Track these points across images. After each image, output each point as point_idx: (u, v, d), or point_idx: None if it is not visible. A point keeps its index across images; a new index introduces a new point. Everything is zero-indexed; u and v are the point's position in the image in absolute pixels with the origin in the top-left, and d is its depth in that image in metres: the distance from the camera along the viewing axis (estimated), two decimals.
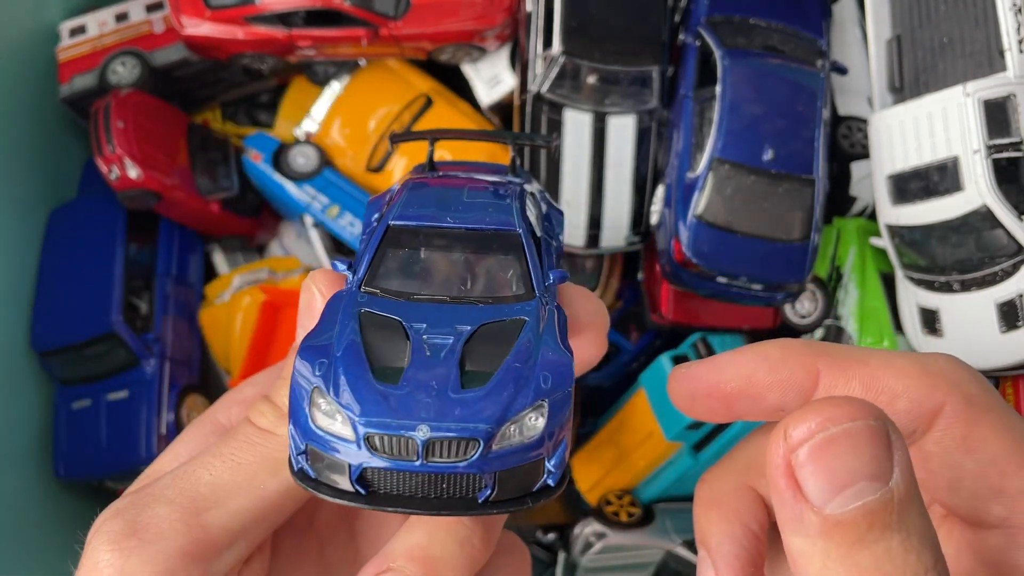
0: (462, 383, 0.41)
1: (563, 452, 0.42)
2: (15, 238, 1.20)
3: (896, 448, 0.35)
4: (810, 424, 0.34)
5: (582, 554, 1.12)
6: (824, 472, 0.34)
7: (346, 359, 0.42)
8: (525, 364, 0.42)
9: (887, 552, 0.34)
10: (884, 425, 0.35)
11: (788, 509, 0.35)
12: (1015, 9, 0.97)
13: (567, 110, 1.10)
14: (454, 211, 0.49)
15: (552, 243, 0.53)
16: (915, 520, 0.35)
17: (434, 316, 0.44)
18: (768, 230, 1.05)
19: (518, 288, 0.47)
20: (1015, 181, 0.97)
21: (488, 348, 0.43)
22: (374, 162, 1.24)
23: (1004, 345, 0.98)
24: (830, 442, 0.34)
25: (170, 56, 1.23)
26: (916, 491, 0.35)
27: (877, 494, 0.34)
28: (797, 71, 1.07)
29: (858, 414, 0.35)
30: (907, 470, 0.35)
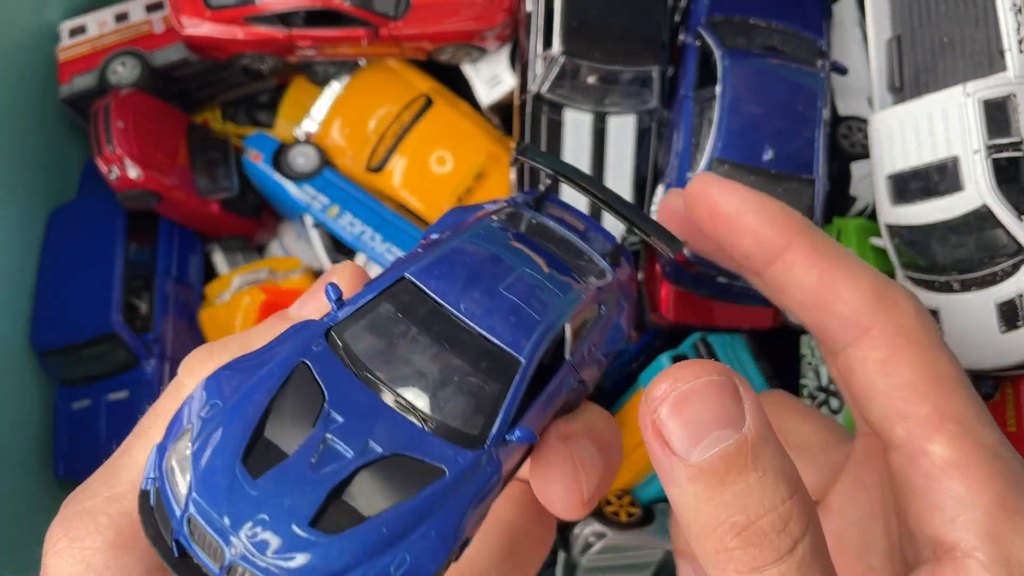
0: (317, 518, 0.34)
1: None
2: (15, 238, 1.20)
3: (746, 398, 0.39)
4: (664, 385, 0.39)
5: (582, 554, 1.12)
6: (684, 426, 0.39)
7: (232, 417, 0.37)
8: (396, 531, 0.34)
9: (746, 489, 0.38)
10: (729, 379, 0.39)
11: (662, 465, 0.40)
12: (1015, 9, 0.97)
13: (567, 110, 1.10)
14: (477, 298, 0.41)
15: (578, 375, 0.45)
16: (770, 459, 0.39)
17: (360, 414, 0.37)
18: None
19: (472, 426, 0.39)
20: (1015, 181, 0.96)
21: (379, 487, 0.35)
22: (374, 162, 1.24)
23: (1004, 345, 0.98)
24: (683, 398, 0.39)
25: (170, 56, 1.23)
26: (769, 433, 0.40)
27: (731, 440, 0.38)
28: (797, 71, 1.07)
29: (703, 372, 0.39)
30: (758, 416, 0.39)
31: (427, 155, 1.23)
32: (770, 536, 0.38)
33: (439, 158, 1.23)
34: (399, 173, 1.23)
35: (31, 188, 1.23)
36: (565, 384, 0.44)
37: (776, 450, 0.40)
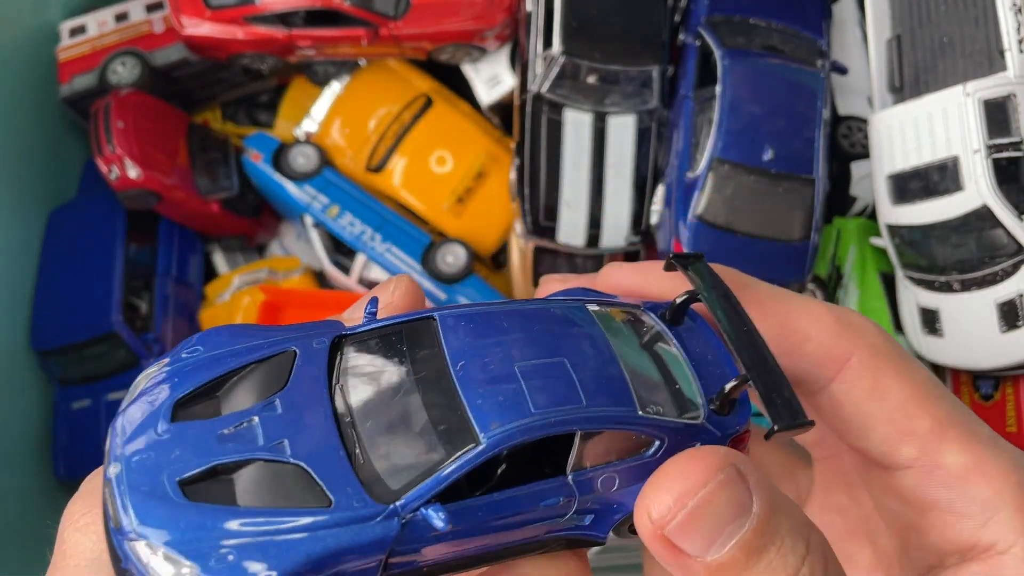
0: (190, 480, 0.34)
1: None
2: (15, 238, 1.20)
3: (750, 476, 0.38)
4: (667, 502, 0.37)
5: None
6: (694, 534, 0.37)
7: (200, 365, 0.38)
8: (251, 531, 0.34)
9: (768, 567, 0.37)
10: (734, 468, 0.38)
11: (674, 566, 0.38)
12: (1015, 9, 0.97)
13: (567, 110, 1.10)
14: (485, 364, 0.39)
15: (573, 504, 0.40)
16: (783, 524, 0.38)
17: (299, 417, 0.37)
18: (768, 230, 1.05)
19: (394, 481, 0.36)
20: (1015, 181, 0.96)
21: (262, 486, 0.35)
22: (374, 162, 1.24)
23: (1004, 345, 0.98)
24: (691, 515, 0.37)
25: (170, 56, 1.23)
26: (776, 498, 0.38)
27: (745, 527, 0.37)
28: (797, 71, 1.07)
29: (709, 475, 0.37)
30: (764, 489, 0.38)
31: (427, 155, 1.23)
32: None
33: (439, 158, 1.23)
34: (399, 173, 1.23)
35: (31, 188, 1.23)
36: (546, 501, 0.39)
37: (784, 507, 0.39)
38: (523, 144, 1.11)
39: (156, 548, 0.33)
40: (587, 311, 0.44)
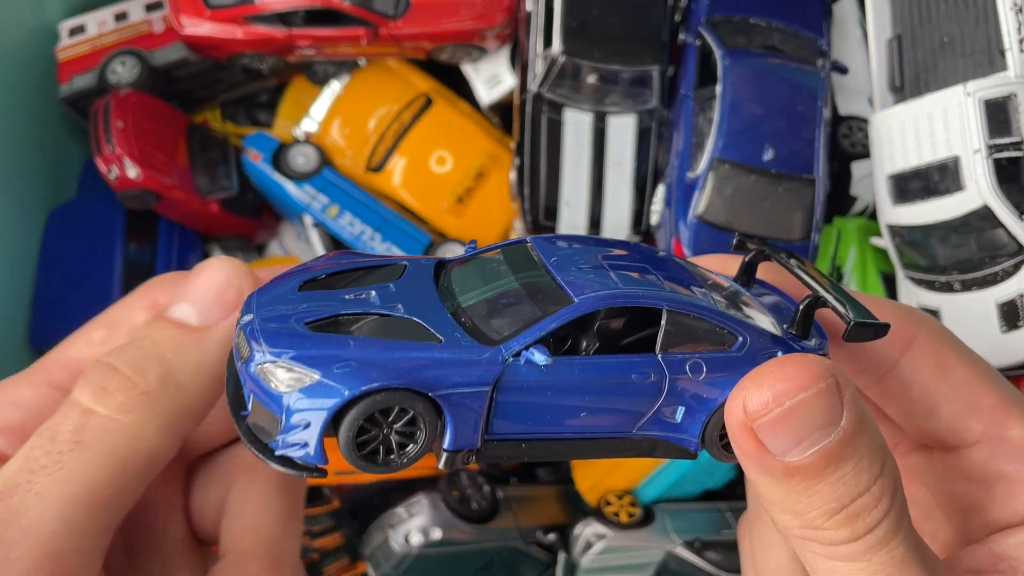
0: (316, 322, 0.41)
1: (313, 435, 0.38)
2: (15, 238, 1.20)
3: (845, 391, 0.39)
4: (766, 396, 0.39)
5: (582, 554, 1.12)
6: (782, 432, 0.39)
7: (332, 262, 0.47)
8: (360, 354, 0.39)
9: (842, 478, 0.39)
10: (832, 379, 0.39)
11: (753, 459, 0.40)
12: (1015, 9, 0.97)
13: (567, 110, 1.10)
14: (578, 264, 0.43)
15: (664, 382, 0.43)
16: (864, 441, 0.40)
17: (410, 296, 0.43)
18: (768, 230, 1.05)
19: (496, 333, 0.42)
20: (1016, 181, 0.96)
21: (379, 328, 0.41)
22: (374, 162, 1.24)
23: (1005, 345, 0.98)
24: (787, 414, 0.39)
25: (170, 56, 1.23)
26: (863, 416, 0.40)
27: (831, 437, 0.39)
28: (797, 71, 1.07)
29: (811, 381, 0.39)
30: (854, 406, 0.40)
31: (427, 155, 1.23)
32: (862, 516, 0.40)
33: (439, 158, 1.23)
34: (399, 173, 1.23)
35: (31, 188, 1.23)
36: (636, 372, 0.42)
37: (869, 428, 0.40)
38: (523, 144, 1.11)
39: (282, 363, 0.37)
40: (672, 256, 0.48)
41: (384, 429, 0.39)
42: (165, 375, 0.43)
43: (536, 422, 0.41)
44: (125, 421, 0.42)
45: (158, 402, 0.42)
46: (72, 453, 0.41)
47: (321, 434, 0.38)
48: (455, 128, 1.24)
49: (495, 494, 1.15)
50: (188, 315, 0.44)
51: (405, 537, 1.08)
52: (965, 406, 0.48)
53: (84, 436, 0.41)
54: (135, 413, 0.42)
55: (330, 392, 0.37)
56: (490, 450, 0.41)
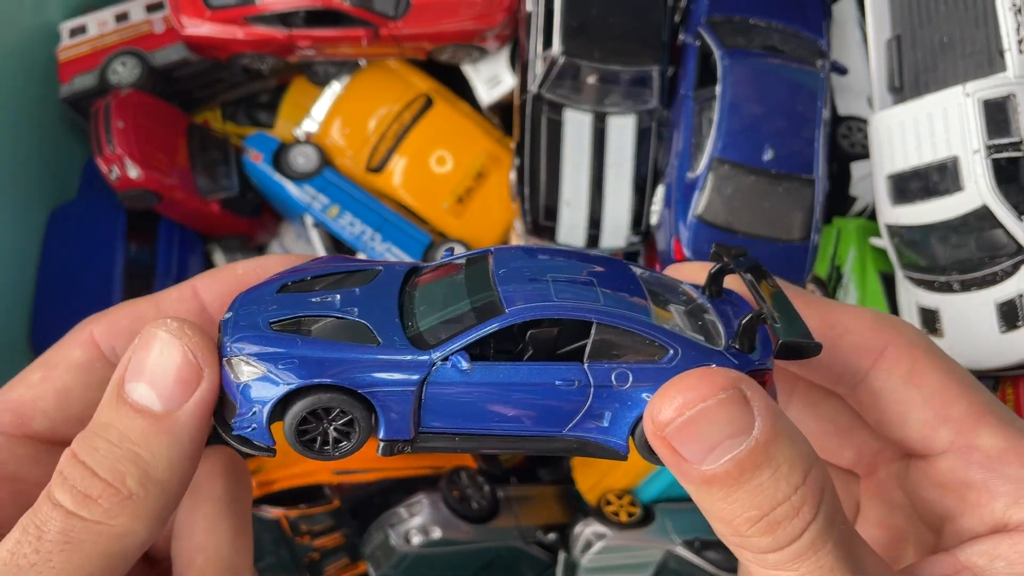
0: (279, 322, 0.46)
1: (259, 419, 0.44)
2: (15, 238, 1.20)
3: (755, 401, 0.40)
4: (669, 410, 0.41)
5: (582, 554, 1.12)
6: (691, 441, 0.40)
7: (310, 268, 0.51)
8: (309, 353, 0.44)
9: (759, 487, 0.40)
10: (736, 391, 0.40)
11: (673, 468, 0.42)
12: (1015, 9, 0.97)
13: (567, 110, 1.10)
14: (523, 277, 0.47)
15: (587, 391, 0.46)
16: (782, 451, 0.40)
17: (369, 301, 0.47)
18: (768, 230, 1.05)
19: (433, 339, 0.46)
20: (1015, 181, 0.97)
21: (330, 329, 0.46)
22: (374, 162, 1.24)
23: (1004, 345, 0.98)
24: (689, 423, 0.40)
25: (170, 56, 1.23)
26: (780, 426, 0.41)
27: (742, 446, 0.40)
28: (797, 71, 1.07)
29: (710, 392, 0.40)
30: (768, 414, 0.40)
31: (427, 155, 1.23)
32: (783, 524, 0.40)
33: (439, 158, 1.23)
34: (399, 173, 1.23)
35: (31, 188, 1.23)
36: (561, 378, 0.45)
37: (789, 438, 0.41)
38: (523, 144, 1.11)
39: (242, 357, 0.44)
40: (630, 267, 0.50)
41: (324, 423, 0.44)
42: (143, 476, 0.43)
43: (466, 419, 0.45)
44: (113, 524, 0.43)
45: (142, 504, 0.43)
46: (63, 554, 0.42)
47: (266, 420, 0.44)
48: (455, 128, 1.24)
49: (495, 494, 1.15)
50: (150, 400, 0.43)
51: (405, 537, 1.08)
52: (935, 415, 0.48)
53: (73, 537, 0.42)
54: (122, 517, 0.43)
55: (274, 384, 0.43)
56: (424, 441, 0.46)
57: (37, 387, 0.51)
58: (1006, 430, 0.47)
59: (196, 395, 0.44)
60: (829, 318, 0.50)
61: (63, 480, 0.43)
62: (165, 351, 0.44)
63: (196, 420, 0.44)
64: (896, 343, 0.49)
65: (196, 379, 0.44)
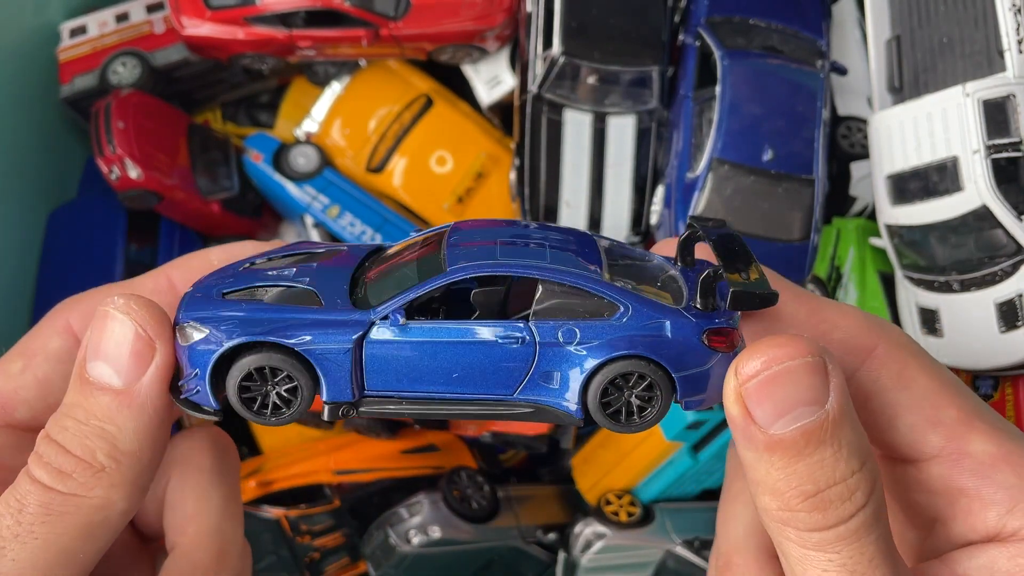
0: (230, 293, 0.48)
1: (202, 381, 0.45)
2: (15, 238, 1.20)
3: (832, 375, 0.41)
4: (756, 362, 0.40)
5: (582, 554, 1.12)
6: (768, 401, 0.40)
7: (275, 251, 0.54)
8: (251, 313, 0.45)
9: (820, 462, 0.40)
10: (821, 358, 0.41)
11: (740, 429, 0.41)
12: (1015, 9, 0.98)
13: (567, 110, 1.10)
14: (474, 241, 0.47)
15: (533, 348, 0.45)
16: (846, 433, 0.41)
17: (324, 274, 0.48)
18: (768, 230, 1.05)
19: (375, 300, 0.46)
20: (1014, 181, 0.97)
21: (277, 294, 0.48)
22: (375, 162, 1.24)
23: (1004, 345, 0.98)
24: (773, 379, 0.40)
25: (170, 56, 1.23)
26: (849, 409, 0.41)
27: (814, 416, 0.40)
28: (797, 71, 1.07)
29: (798, 353, 0.40)
30: (842, 394, 0.41)
31: (427, 155, 1.23)
32: (835, 504, 0.41)
33: (439, 158, 1.23)
34: (399, 173, 1.24)
35: (31, 188, 1.24)
36: (505, 336, 0.44)
37: (853, 424, 0.41)
38: (523, 144, 1.11)
39: (189, 323, 0.45)
40: (595, 237, 0.50)
41: (268, 386, 0.44)
42: (112, 449, 0.45)
43: (411, 381, 0.45)
44: (91, 496, 0.44)
45: (115, 474, 0.45)
46: (44, 525, 0.44)
47: (207, 380, 0.44)
48: (455, 129, 1.24)
49: (495, 493, 1.15)
50: (109, 377, 0.45)
51: (405, 536, 1.08)
52: (925, 419, 0.48)
53: (53, 509, 0.44)
54: (98, 488, 0.44)
55: (212, 344, 0.44)
56: (369, 405, 0.45)
57: (18, 378, 0.53)
58: (997, 436, 0.47)
59: (151, 367, 0.45)
60: (818, 313, 0.50)
61: (39, 458, 0.45)
62: (118, 328, 0.45)
63: (155, 390, 0.45)
64: (886, 344, 0.49)
65: (150, 352, 0.45)
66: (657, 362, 0.44)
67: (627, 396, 0.44)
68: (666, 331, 0.44)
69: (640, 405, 0.45)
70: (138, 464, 0.45)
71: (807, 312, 0.50)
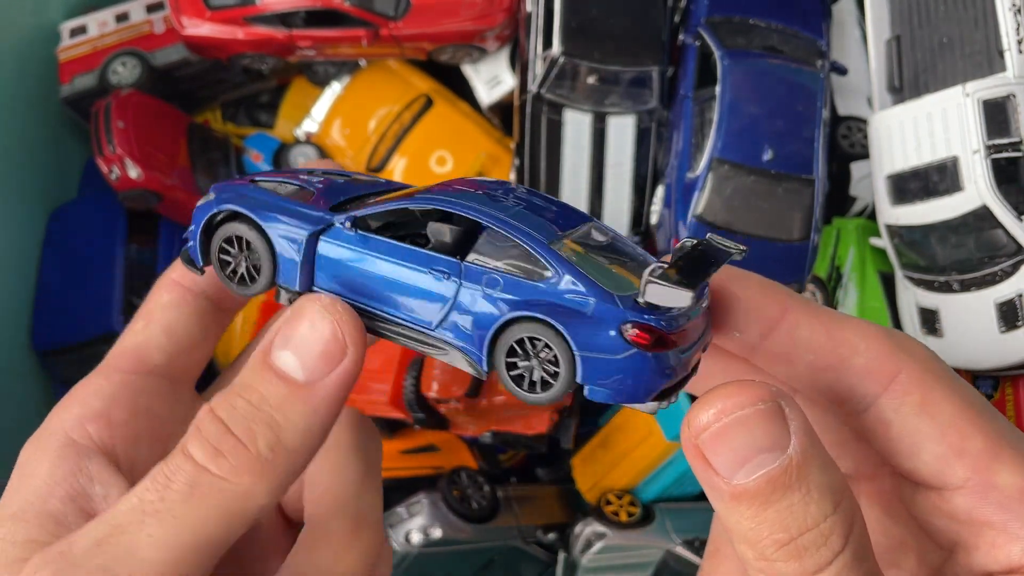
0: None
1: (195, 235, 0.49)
2: (15, 238, 1.20)
3: (792, 418, 0.40)
4: (706, 415, 0.40)
5: (582, 554, 1.12)
6: (726, 451, 0.39)
7: None
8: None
9: (789, 508, 0.39)
10: (775, 404, 0.39)
11: (703, 480, 0.41)
12: (1015, 9, 0.98)
13: (567, 110, 1.10)
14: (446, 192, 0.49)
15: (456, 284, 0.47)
16: (814, 476, 0.40)
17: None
18: (768, 230, 1.05)
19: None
20: (1014, 181, 0.97)
21: None
22: (375, 162, 1.24)
23: (1004, 345, 0.98)
24: (726, 429, 0.39)
25: (170, 56, 1.23)
26: (815, 450, 0.40)
27: (776, 462, 0.39)
28: (797, 71, 1.07)
29: (749, 401, 0.39)
30: (804, 435, 0.40)
31: (427, 155, 1.23)
32: (810, 550, 0.39)
33: (439, 158, 1.23)
34: (399, 173, 1.24)
35: (31, 188, 1.23)
36: (435, 268, 0.46)
37: (822, 464, 0.40)
38: (523, 144, 1.11)
39: (209, 193, 0.49)
40: (590, 221, 0.50)
41: (243, 257, 0.48)
42: (275, 441, 0.45)
43: (352, 290, 0.47)
44: (237, 483, 0.44)
45: (268, 467, 0.44)
46: (186, 504, 0.43)
47: (198, 237, 0.49)
48: (455, 128, 1.24)
49: (495, 493, 1.16)
50: (293, 368, 0.45)
51: (405, 536, 1.08)
52: (950, 448, 0.46)
53: (198, 490, 0.44)
54: (247, 476, 0.44)
55: (208, 208, 0.48)
56: None
57: (144, 331, 0.55)
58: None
59: (338, 370, 0.44)
60: (837, 334, 0.48)
61: (197, 432, 0.44)
62: (316, 324, 0.45)
63: (334, 394, 0.45)
64: (910, 368, 0.46)
65: (340, 355, 0.45)
66: (562, 335, 0.43)
67: (533, 364, 0.43)
68: (587, 308, 0.43)
69: (544, 379, 0.44)
70: (291, 463, 0.45)
71: (825, 334, 0.48)
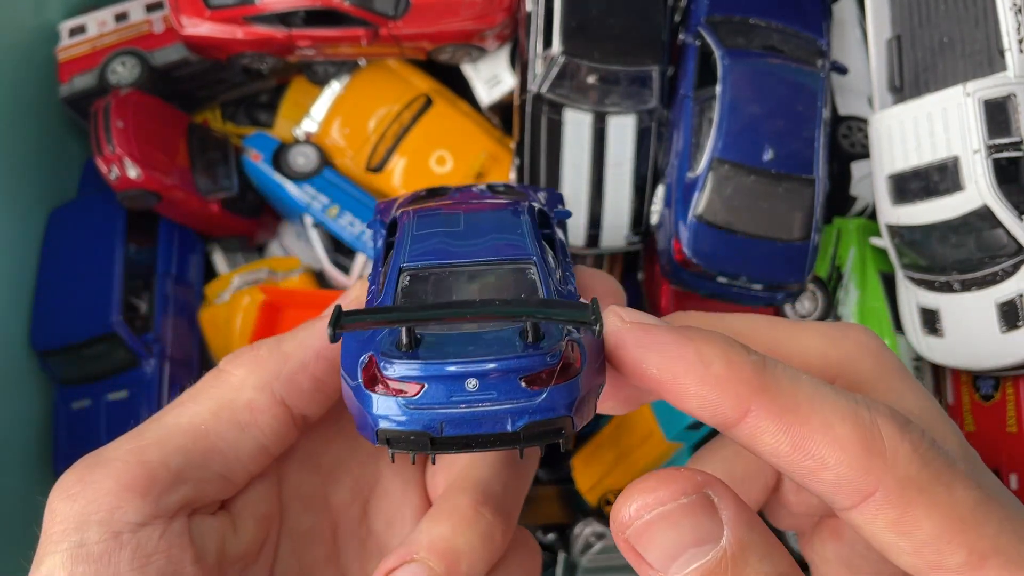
0: None
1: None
2: (15, 238, 1.20)
3: (723, 508, 0.38)
4: (628, 509, 0.38)
5: (582, 554, 1.12)
6: (655, 546, 0.38)
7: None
8: None
9: None
10: (701, 496, 0.38)
11: (639, 572, 0.39)
12: (1015, 9, 0.97)
13: (567, 110, 1.10)
14: (464, 240, 0.51)
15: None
16: (754, 566, 0.38)
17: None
18: (768, 230, 1.05)
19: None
20: (1015, 181, 0.96)
21: None
22: (374, 162, 1.24)
23: (1004, 345, 0.98)
24: (650, 525, 0.38)
25: (170, 56, 1.23)
26: (752, 536, 0.38)
27: (708, 556, 0.37)
28: (797, 71, 1.07)
29: (672, 495, 0.38)
30: (738, 525, 0.38)
31: (427, 155, 1.23)
32: None
33: (439, 158, 1.23)
34: (399, 173, 1.23)
35: (31, 188, 1.23)
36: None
37: (763, 554, 0.38)
38: (523, 144, 1.11)
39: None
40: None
41: None
42: (274, 344, 0.52)
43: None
44: (233, 373, 0.51)
45: (261, 363, 0.51)
46: (192, 393, 0.52)
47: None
48: (455, 128, 1.24)
49: None
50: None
51: None
52: (925, 564, 0.41)
53: (205, 384, 0.52)
54: (242, 369, 0.51)
55: None
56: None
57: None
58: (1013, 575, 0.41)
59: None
60: (803, 446, 0.41)
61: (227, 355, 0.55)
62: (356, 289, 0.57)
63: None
64: (887, 486, 0.40)
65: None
66: None
67: None
68: None
69: None
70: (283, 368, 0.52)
71: (790, 444, 0.41)
